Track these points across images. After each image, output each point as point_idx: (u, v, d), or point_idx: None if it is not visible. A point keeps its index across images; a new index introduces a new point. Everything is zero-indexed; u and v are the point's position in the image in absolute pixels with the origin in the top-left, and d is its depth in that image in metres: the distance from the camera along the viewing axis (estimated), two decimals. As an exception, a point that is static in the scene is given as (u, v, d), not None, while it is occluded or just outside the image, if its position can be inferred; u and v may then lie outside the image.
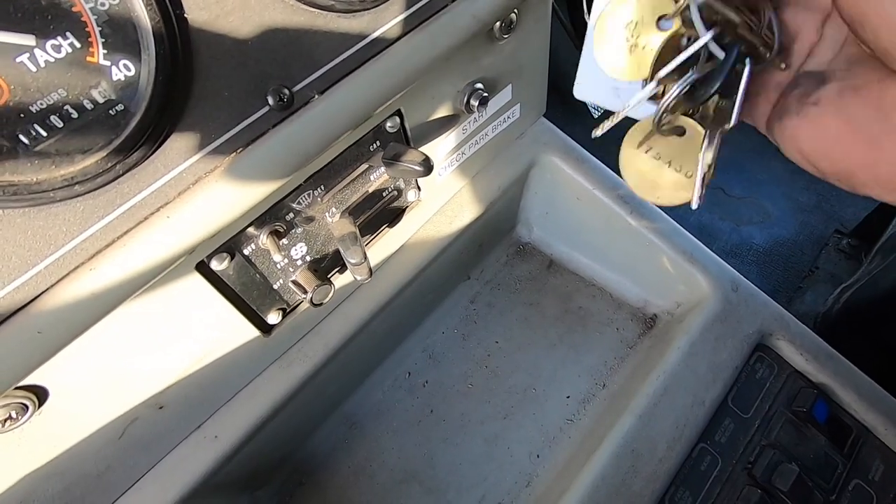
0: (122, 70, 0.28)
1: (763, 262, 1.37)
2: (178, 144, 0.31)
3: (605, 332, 0.69)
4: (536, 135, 0.68)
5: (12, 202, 0.26)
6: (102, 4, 0.27)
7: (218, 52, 0.31)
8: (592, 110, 1.42)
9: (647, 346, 0.66)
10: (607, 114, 0.29)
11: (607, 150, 0.46)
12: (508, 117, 0.62)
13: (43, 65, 0.26)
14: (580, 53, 0.30)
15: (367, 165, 0.47)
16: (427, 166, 0.44)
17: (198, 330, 0.43)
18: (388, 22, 0.38)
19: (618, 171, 0.30)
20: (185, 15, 0.29)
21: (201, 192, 0.32)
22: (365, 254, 0.44)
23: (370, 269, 0.45)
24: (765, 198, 1.48)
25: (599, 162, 0.67)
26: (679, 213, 1.52)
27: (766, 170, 1.54)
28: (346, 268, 0.51)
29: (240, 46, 0.32)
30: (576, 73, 0.31)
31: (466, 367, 0.67)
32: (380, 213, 0.53)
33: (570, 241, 0.73)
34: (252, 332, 0.47)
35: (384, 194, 0.52)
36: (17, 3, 0.24)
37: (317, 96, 0.36)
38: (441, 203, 0.62)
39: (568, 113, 1.07)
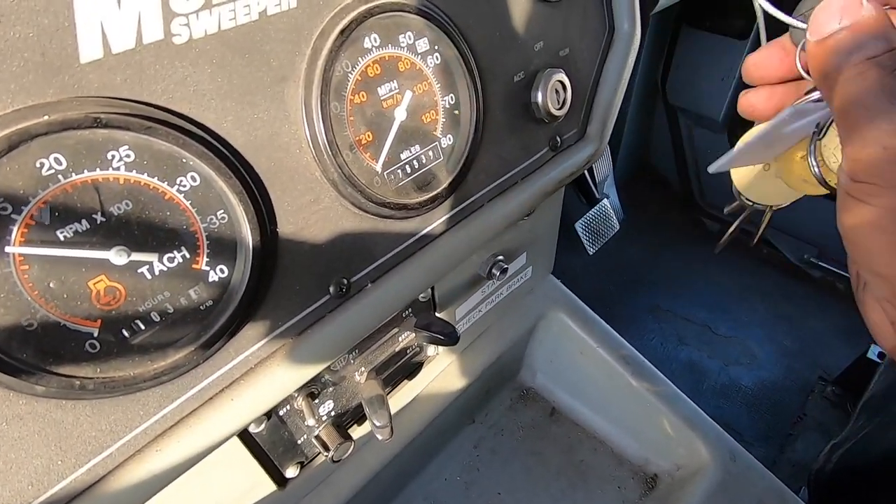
0: (218, 273, 0.33)
1: (752, 404, 1.39)
2: (250, 333, 0.35)
3: (607, 490, 0.69)
4: (545, 291, 0.74)
5: (106, 394, 0.29)
6: (213, 223, 0.32)
7: (297, 255, 0.36)
8: (587, 245, 1.52)
9: (649, 510, 0.66)
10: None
11: (611, 302, 0.50)
12: (521, 277, 0.68)
13: (157, 273, 0.31)
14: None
15: (396, 329, 0.52)
16: (454, 338, 0.48)
17: (217, 484, 0.44)
18: (434, 222, 0.44)
19: (620, 330, 0.34)
20: (277, 229, 0.35)
21: (262, 373, 0.35)
22: (390, 415, 0.47)
23: (392, 430, 0.47)
24: (751, 339, 1.54)
25: (603, 321, 0.72)
26: (669, 349, 1.56)
27: (751, 312, 1.62)
28: (364, 420, 0.53)
29: (314, 249, 0.37)
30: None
31: (468, 520, 0.66)
32: (401, 367, 0.56)
33: (573, 391, 0.76)
34: (269, 486, 0.48)
35: (408, 351, 0.56)
36: (154, 233, 0.30)
37: (370, 285, 0.41)
38: (455, 355, 0.65)
39: (563, 238, 1.16)
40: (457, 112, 0.43)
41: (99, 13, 0.26)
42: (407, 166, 0.41)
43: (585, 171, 1.51)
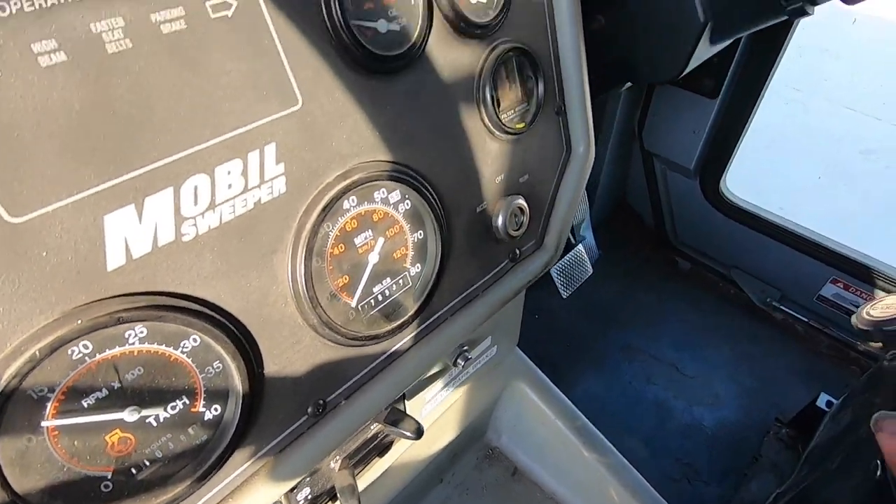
0: (213, 412, 0.39)
1: (712, 444, 1.47)
2: (237, 458, 0.41)
3: (561, 549, 0.76)
4: (510, 363, 0.81)
5: (115, 529, 0.35)
6: (210, 372, 0.38)
7: (280, 388, 0.42)
8: (561, 289, 1.59)
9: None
10: None
11: (585, 341, 0.57)
12: (487, 356, 0.75)
13: (162, 420, 0.37)
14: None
15: (368, 421, 0.58)
16: (419, 433, 0.54)
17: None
18: (401, 341, 0.51)
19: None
20: (263, 371, 0.41)
21: (248, 489, 0.42)
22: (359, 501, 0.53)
23: (363, 515, 0.54)
24: (715, 379, 1.63)
25: (562, 394, 0.79)
26: (638, 389, 1.63)
27: (717, 351, 1.71)
28: (336, 499, 0.59)
29: (295, 380, 0.43)
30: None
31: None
32: (373, 448, 0.63)
33: (533, 454, 0.83)
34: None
35: (379, 435, 0.62)
36: (161, 390, 0.36)
37: (343, 402, 0.47)
38: (424, 428, 0.72)
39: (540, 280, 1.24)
40: (424, 245, 0.50)
41: (123, 230, 0.32)
42: (379, 296, 0.48)
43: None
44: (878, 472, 0.80)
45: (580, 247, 1.57)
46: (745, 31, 0.71)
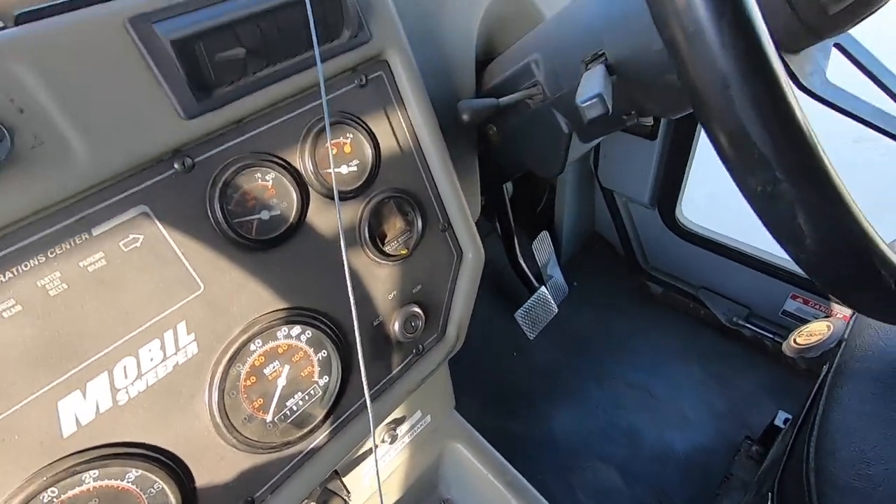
0: None
1: (684, 469, 1.55)
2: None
3: (502, 591, 0.86)
4: (447, 427, 0.92)
5: None
6: (151, 493, 0.51)
7: (214, 495, 0.55)
8: (527, 332, 1.70)
9: None
10: None
11: (559, 372, 0.66)
12: (421, 425, 0.87)
13: None
14: None
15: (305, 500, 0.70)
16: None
17: None
18: (315, 441, 0.63)
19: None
20: (195, 485, 0.54)
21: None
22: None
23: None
24: (685, 402, 1.71)
25: (496, 453, 0.90)
26: (611, 416, 1.72)
27: (688, 373, 1.79)
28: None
29: (225, 486, 0.56)
30: None
31: None
32: (318, 519, 0.75)
33: (478, 504, 0.94)
34: None
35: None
36: None
37: (270, 495, 0.60)
38: (370, 493, 0.84)
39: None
40: (328, 361, 0.63)
41: (73, 408, 0.46)
42: (293, 407, 0.60)
43: (522, 262, 1.70)
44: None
45: (543, 289, 1.69)
46: (604, 135, 0.83)
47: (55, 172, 0.42)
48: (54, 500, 0.46)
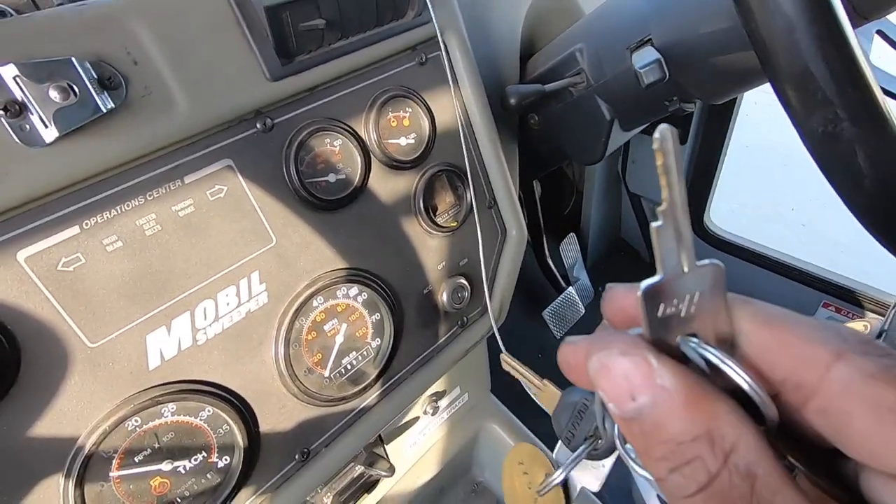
0: (223, 461, 0.55)
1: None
2: (241, 496, 0.57)
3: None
4: (483, 408, 0.94)
5: None
6: (220, 433, 0.54)
7: (273, 441, 0.58)
8: (554, 331, 1.71)
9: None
10: None
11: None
12: (459, 403, 0.89)
13: (188, 469, 0.53)
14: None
15: (353, 464, 0.73)
16: (391, 471, 0.69)
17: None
18: (368, 398, 0.66)
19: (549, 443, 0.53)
20: (259, 429, 0.57)
21: (251, 519, 0.57)
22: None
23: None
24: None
25: (531, 434, 0.91)
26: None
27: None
28: (333, 530, 0.74)
29: (284, 434, 0.59)
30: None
31: None
32: (361, 485, 0.77)
33: (511, 486, 0.95)
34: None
35: (365, 474, 0.76)
36: (187, 447, 0.52)
37: (324, 449, 0.62)
38: (408, 466, 0.86)
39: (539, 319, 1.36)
40: (381, 324, 0.66)
41: (158, 343, 0.49)
42: (347, 366, 0.63)
43: (550, 262, 1.72)
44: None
45: (571, 289, 1.70)
46: (646, 123, 0.86)
47: (159, 121, 0.46)
48: (137, 429, 0.49)
